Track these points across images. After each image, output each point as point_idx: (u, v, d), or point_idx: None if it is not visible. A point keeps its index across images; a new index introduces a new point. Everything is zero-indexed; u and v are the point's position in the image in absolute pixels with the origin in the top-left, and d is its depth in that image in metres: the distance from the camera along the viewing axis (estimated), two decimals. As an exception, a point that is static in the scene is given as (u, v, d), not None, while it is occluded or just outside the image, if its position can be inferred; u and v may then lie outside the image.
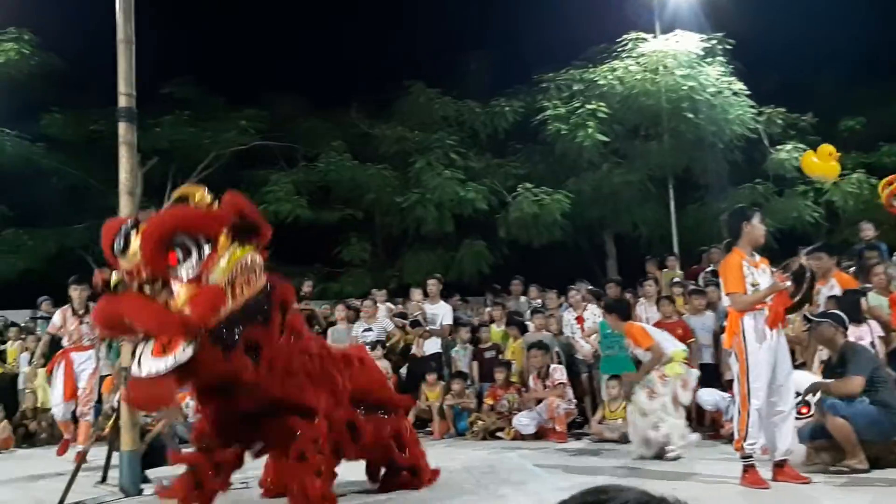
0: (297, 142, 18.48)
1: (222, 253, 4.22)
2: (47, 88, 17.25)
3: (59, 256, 17.15)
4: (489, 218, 16.92)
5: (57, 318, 8.06)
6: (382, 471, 5.70)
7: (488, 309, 11.23)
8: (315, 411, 4.62)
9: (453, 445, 8.34)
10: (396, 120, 18.47)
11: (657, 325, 8.60)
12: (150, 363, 3.99)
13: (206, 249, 4.18)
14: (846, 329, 6.16)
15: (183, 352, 3.96)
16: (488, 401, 9.10)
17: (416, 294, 10.99)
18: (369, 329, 10.17)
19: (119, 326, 4.22)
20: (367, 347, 9.58)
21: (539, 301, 10.80)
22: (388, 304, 11.44)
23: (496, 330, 9.96)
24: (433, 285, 10.68)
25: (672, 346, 6.97)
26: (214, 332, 4.10)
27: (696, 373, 7.14)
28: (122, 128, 6.09)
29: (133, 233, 4.21)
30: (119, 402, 5.92)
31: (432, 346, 10.20)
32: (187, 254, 4.13)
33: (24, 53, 16.66)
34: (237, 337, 4.19)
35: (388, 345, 10.14)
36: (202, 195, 4.42)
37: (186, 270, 4.12)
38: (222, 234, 4.25)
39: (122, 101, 6.11)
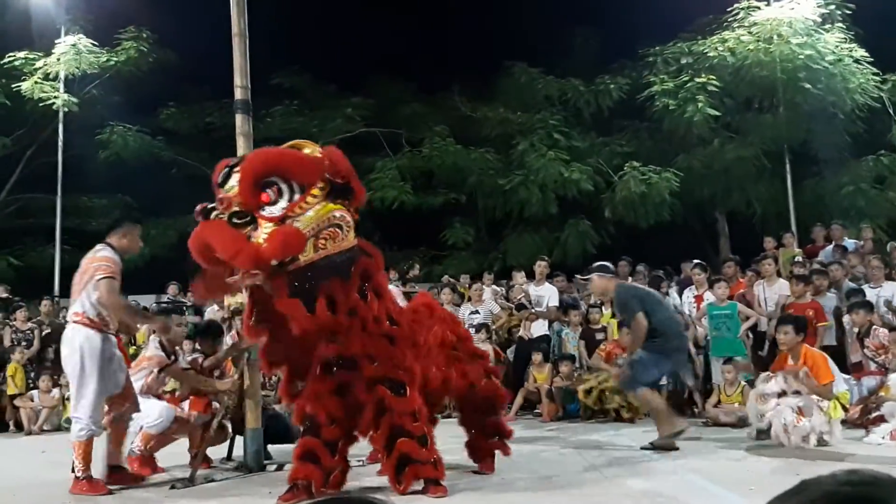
0: (400, 127, 18.70)
1: (312, 202, 4.32)
2: (164, 83, 18.10)
3: (180, 244, 17.98)
4: (594, 198, 16.66)
5: None
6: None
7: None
8: (406, 384, 4.61)
9: (563, 428, 8.29)
10: (499, 101, 18.39)
11: (788, 307, 8.24)
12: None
13: (297, 194, 4.28)
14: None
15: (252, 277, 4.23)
16: (600, 355, 9.04)
17: (519, 277, 10.94)
18: (476, 312, 10.21)
19: (205, 253, 4.32)
20: (472, 331, 9.72)
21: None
22: (494, 287, 11.45)
23: (607, 312, 9.81)
24: (540, 267, 10.61)
25: (841, 385, 6.58)
26: (292, 277, 4.27)
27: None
28: (239, 119, 6.28)
29: (237, 168, 4.36)
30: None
31: (539, 328, 10.16)
32: (279, 195, 4.25)
33: (143, 51, 17.51)
34: (316, 288, 4.31)
35: (493, 327, 10.16)
36: (313, 149, 4.54)
37: (274, 210, 4.25)
38: (316, 183, 4.34)
39: (238, 94, 6.29)
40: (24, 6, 17.27)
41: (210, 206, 4.35)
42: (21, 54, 16.82)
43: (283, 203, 4.24)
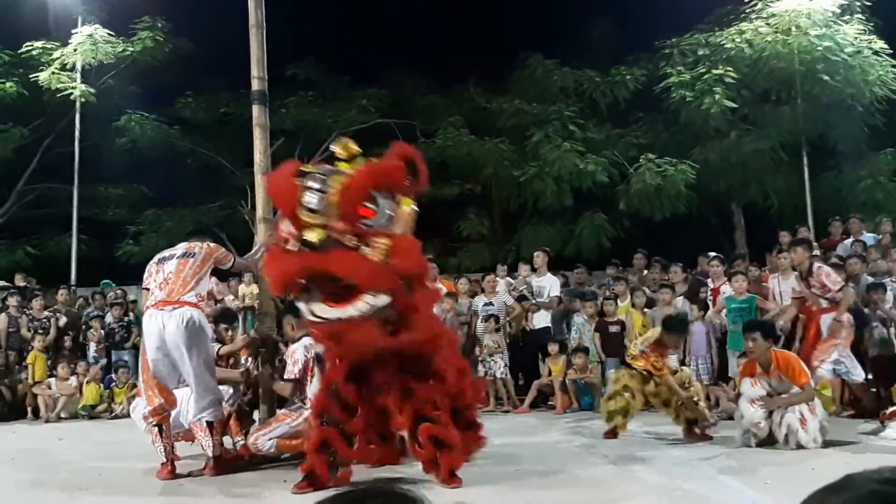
0: (415, 118, 18.65)
1: (402, 206, 4.57)
2: (180, 73, 18.14)
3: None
4: (609, 190, 16.59)
5: None
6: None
7: (606, 282, 11.09)
8: (440, 373, 4.72)
9: (577, 421, 8.27)
10: (514, 93, 18.32)
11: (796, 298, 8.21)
12: (336, 311, 4.35)
13: (393, 203, 4.51)
14: None
15: (376, 298, 4.33)
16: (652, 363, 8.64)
17: (524, 269, 10.95)
18: (490, 303, 10.21)
19: (295, 284, 4.49)
20: (482, 321, 9.73)
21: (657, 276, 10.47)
22: (508, 279, 11.44)
23: (622, 305, 9.77)
24: (538, 258, 10.63)
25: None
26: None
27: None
28: (256, 110, 6.27)
29: (326, 189, 4.35)
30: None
31: (541, 319, 10.18)
32: (378, 208, 4.45)
33: (159, 41, 17.55)
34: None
35: (508, 319, 10.16)
36: (352, 149, 4.71)
37: (378, 223, 4.43)
38: (405, 190, 4.62)
39: (255, 85, 6.29)
40: (42, -4, 17.37)
41: (295, 233, 4.43)
42: (38, 44, 16.91)
43: (384, 215, 4.46)
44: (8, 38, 17.11)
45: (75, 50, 16.83)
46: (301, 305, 4.57)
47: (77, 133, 17.29)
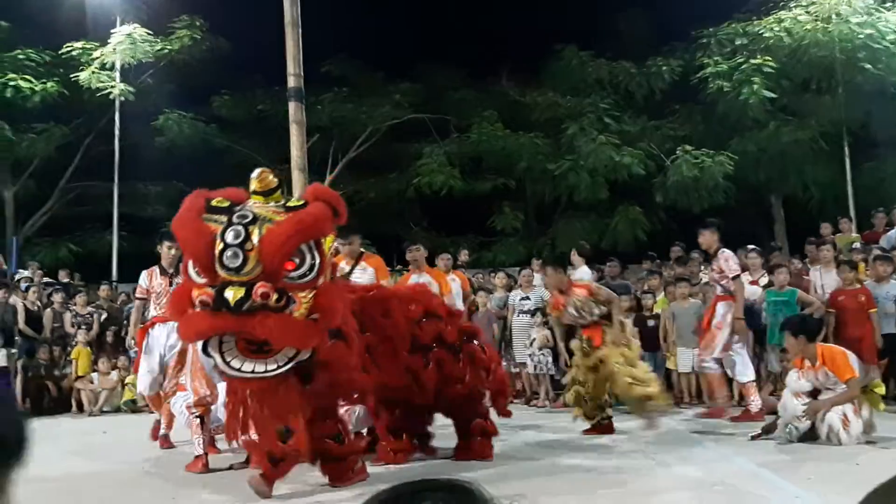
0: (448, 113, 18.66)
1: (325, 245, 4.41)
2: (217, 71, 18.35)
3: (231, 230, 18.27)
4: (646, 183, 16.42)
5: (143, 279, 7.05)
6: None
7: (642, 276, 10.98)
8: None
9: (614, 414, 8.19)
10: (547, 86, 18.23)
11: (836, 293, 8.06)
12: (256, 364, 4.15)
13: (316, 253, 4.27)
14: None
15: (299, 353, 4.18)
16: None
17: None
18: (527, 297, 10.17)
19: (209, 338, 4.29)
20: (527, 316, 9.68)
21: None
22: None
23: (660, 298, 9.66)
24: (575, 254, 10.53)
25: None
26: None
27: None
28: (292, 107, 6.33)
29: (245, 243, 4.10)
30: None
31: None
32: (301, 260, 4.22)
33: (196, 39, 17.75)
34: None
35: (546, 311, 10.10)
36: (270, 181, 4.59)
37: (301, 275, 4.20)
38: (329, 235, 4.44)
39: (291, 82, 6.34)
40: (81, -3, 17.67)
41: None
42: (78, 45, 17.18)
43: (306, 266, 4.21)
44: (49, 39, 17.42)
45: (114, 49, 17.08)
46: (214, 355, 4.22)
47: (117, 131, 17.58)
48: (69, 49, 17.15)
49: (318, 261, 4.23)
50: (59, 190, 18.93)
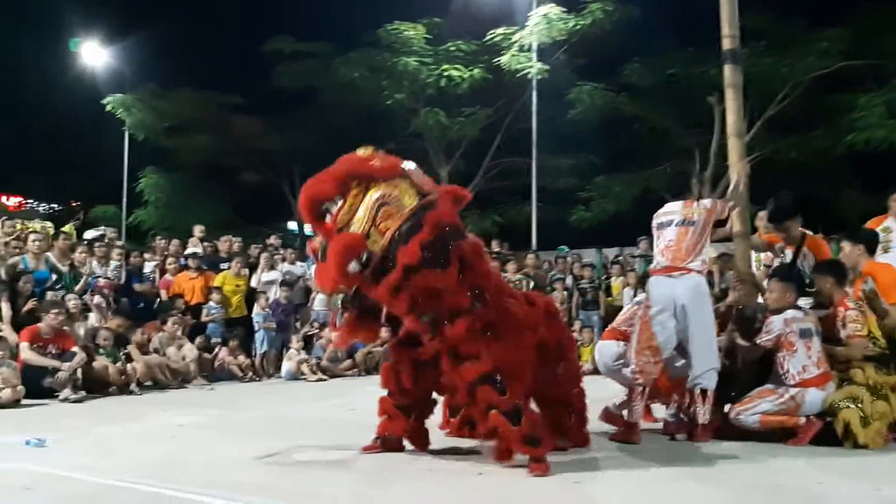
0: (887, 58, 16.34)
1: (356, 202, 4.51)
2: (625, 40, 18.36)
3: (642, 198, 18.35)
4: None
5: None
6: None
7: None
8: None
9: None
10: None
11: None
12: None
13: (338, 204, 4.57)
14: None
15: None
16: None
17: None
18: None
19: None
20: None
21: None
22: None
23: None
24: None
25: None
26: (381, 266, 4.41)
27: None
28: (728, 70, 6.03)
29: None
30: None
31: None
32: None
33: (608, 11, 17.95)
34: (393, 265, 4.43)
35: None
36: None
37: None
38: (351, 187, 4.53)
39: (726, 44, 6.04)
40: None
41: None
42: (500, 31, 18.53)
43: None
44: (473, 29, 19.10)
45: (531, 31, 18.08)
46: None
47: (534, 109, 18.70)
48: (492, 36, 18.57)
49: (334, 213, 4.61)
50: (484, 167, 20.75)
